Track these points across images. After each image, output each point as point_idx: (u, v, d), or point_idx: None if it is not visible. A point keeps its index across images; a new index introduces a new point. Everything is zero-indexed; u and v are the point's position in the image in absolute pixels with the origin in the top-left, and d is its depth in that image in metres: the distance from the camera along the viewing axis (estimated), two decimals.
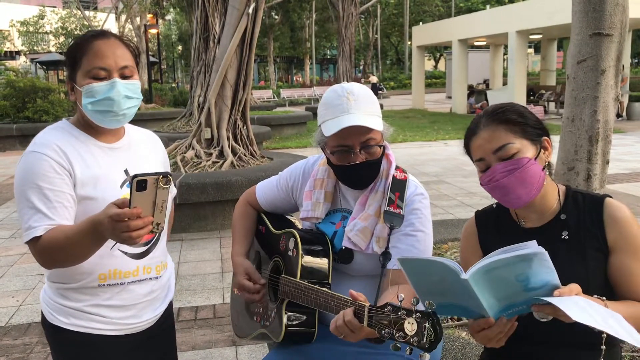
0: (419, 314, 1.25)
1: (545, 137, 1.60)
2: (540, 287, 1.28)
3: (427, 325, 1.24)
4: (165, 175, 1.35)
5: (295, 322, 1.78)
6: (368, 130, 1.72)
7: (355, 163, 1.76)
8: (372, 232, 1.80)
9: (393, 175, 1.85)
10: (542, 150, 1.58)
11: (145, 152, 1.82)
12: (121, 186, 1.67)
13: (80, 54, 1.62)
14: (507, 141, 1.53)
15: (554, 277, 1.28)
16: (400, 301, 1.30)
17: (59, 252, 1.52)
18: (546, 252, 1.24)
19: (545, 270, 1.26)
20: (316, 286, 1.67)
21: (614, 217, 1.56)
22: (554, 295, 1.28)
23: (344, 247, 1.83)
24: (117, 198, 1.60)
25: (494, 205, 1.75)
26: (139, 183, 1.33)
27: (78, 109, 1.68)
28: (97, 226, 1.41)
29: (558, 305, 1.24)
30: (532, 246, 1.26)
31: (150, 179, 1.34)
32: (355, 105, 1.73)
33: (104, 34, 1.65)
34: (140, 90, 1.69)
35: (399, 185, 1.83)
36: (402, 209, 1.79)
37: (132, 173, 1.69)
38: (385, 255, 1.76)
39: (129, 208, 1.34)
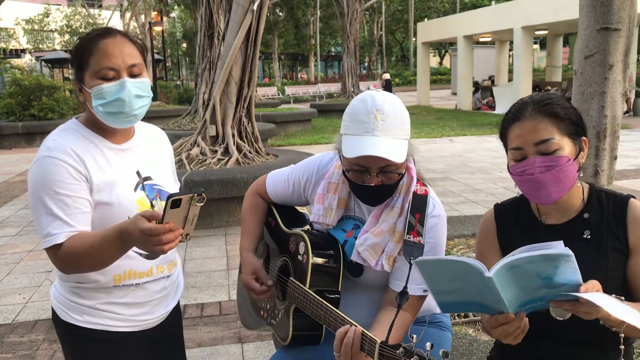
0: None
1: (584, 138, 1.56)
2: (562, 285, 1.27)
3: None
4: (200, 193, 1.37)
5: (302, 327, 1.75)
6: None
7: (370, 185, 1.65)
8: (383, 249, 1.71)
9: (414, 191, 1.73)
10: (580, 152, 1.54)
11: (154, 150, 1.80)
12: (135, 189, 1.65)
13: (86, 54, 1.57)
14: (550, 136, 1.48)
15: (577, 277, 1.26)
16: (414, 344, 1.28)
17: (81, 259, 1.51)
18: (573, 254, 1.21)
19: (571, 271, 1.24)
20: (326, 302, 1.61)
21: (637, 218, 1.53)
22: (580, 290, 1.26)
23: (353, 262, 1.77)
24: (132, 202, 1.62)
25: (518, 195, 1.70)
26: (174, 202, 1.34)
27: (87, 108, 1.64)
28: (124, 236, 1.42)
29: (588, 298, 1.24)
30: (558, 246, 1.24)
31: (185, 198, 1.35)
32: (383, 126, 1.59)
33: (109, 32, 1.61)
34: (150, 87, 1.66)
35: (420, 204, 1.71)
36: (422, 236, 1.68)
37: (143, 174, 1.70)
38: (403, 296, 1.56)
39: (162, 223, 1.35)
